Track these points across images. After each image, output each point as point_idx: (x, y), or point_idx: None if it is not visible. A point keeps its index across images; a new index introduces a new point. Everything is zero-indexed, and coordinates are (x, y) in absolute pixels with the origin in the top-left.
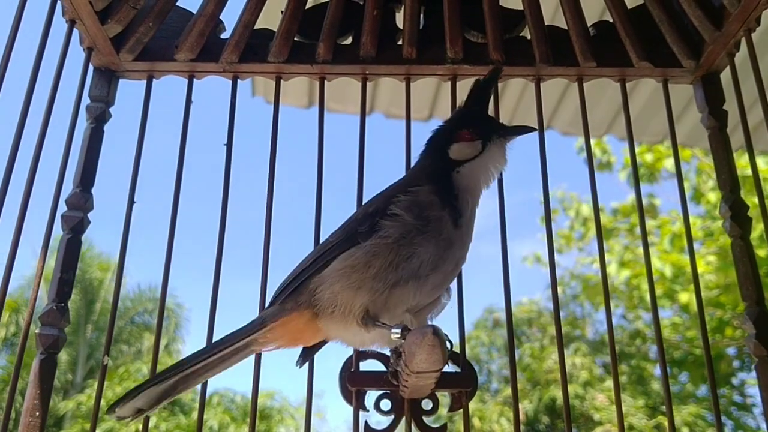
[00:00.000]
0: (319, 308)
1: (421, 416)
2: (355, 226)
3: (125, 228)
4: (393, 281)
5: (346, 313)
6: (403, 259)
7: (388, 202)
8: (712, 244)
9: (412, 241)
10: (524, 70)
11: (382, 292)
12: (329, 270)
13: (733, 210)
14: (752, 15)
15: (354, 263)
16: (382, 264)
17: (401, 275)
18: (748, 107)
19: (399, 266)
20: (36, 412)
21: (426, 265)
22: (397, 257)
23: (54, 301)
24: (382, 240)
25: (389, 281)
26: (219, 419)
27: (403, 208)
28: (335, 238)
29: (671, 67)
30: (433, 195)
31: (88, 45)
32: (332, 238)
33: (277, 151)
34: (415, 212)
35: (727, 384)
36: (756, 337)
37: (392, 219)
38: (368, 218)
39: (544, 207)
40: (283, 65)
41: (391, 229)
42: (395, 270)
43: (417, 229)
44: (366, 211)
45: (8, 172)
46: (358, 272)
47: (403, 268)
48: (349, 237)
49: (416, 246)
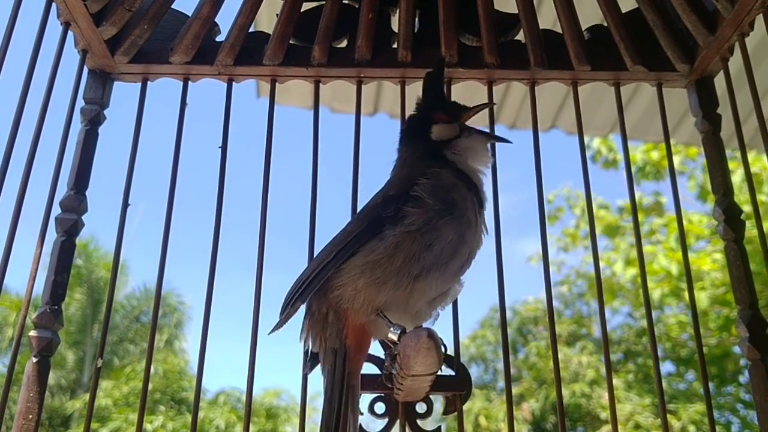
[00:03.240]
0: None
1: (415, 419)
2: (378, 210)
3: (119, 230)
4: (416, 273)
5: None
6: (425, 247)
7: (409, 185)
8: (718, 241)
9: (435, 226)
10: (519, 73)
11: (405, 287)
12: (350, 265)
13: (726, 213)
14: (746, 19)
15: (377, 258)
16: (406, 256)
17: (423, 265)
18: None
19: (421, 256)
20: (29, 414)
21: (446, 251)
22: (420, 246)
23: (47, 304)
24: (406, 229)
25: (413, 273)
26: (225, 418)
27: (428, 192)
28: (355, 227)
29: (665, 71)
30: (454, 177)
31: (82, 47)
32: (351, 227)
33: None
34: (440, 195)
35: (734, 382)
36: (749, 341)
37: (416, 204)
38: (392, 201)
39: (538, 207)
40: (279, 68)
41: (415, 216)
42: (418, 261)
43: (439, 214)
44: (387, 194)
45: (2, 174)
46: (382, 267)
47: (424, 258)
48: (373, 222)
49: (437, 230)
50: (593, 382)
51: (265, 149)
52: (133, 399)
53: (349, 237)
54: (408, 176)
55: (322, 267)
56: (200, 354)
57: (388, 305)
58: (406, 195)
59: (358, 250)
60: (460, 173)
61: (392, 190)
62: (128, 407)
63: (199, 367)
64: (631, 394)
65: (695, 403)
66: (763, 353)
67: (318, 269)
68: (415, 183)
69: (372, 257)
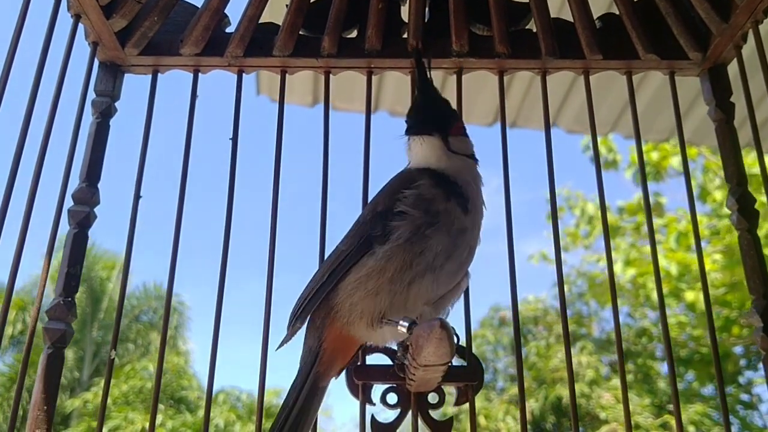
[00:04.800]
0: (345, 319)
1: (428, 410)
2: (367, 229)
3: (131, 222)
4: (409, 279)
5: (368, 319)
6: (416, 255)
7: (393, 200)
8: (718, 242)
9: (424, 234)
10: (530, 63)
11: (401, 293)
12: (345, 283)
13: (740, 203)
14: (760, 6)
15: (368, 272)
16: (397, 266)
17: (416, 271)
18: (756, 100)
19: (413, 263)
20: (44, 406)
21: (440, 256)
22: (411, 255)
23: (61, 296)
24: (395, 243)
25: (405, 280)
26: (225, 417)
27: (410, 205)
28: (347, 246)
29: (678, 59)
30: (434, 188)
31: (93, 39)
32: (344, 246)
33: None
34: (423, 207)
35: (733, 382)
36: (763, 330)
37: (401, 218)
38: (379, 219)
39: (551, 203)
40: (288, 59)
41: (402, 229)
42: (410, 268)
43: (427, 223)
44: (374, 211)
45: (14, 168)
46: (374, 279)
47: (417, 264)
48: (362, 243)
49: (428, 239)
50: (593, 382)
51: (276, 144)
52: (133, 397)
53: (341, 257)
54: (393, 191)
55: (318, 287)
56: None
57: (387, 311)
58: (390, 211)
59: (351, 269)
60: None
61: (379, 206)
62: (127, 406)
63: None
64: (630, 394)
65: (695, 404)
66: None
67: (314, 291)
68: (397, 199)
69: (364, 272)
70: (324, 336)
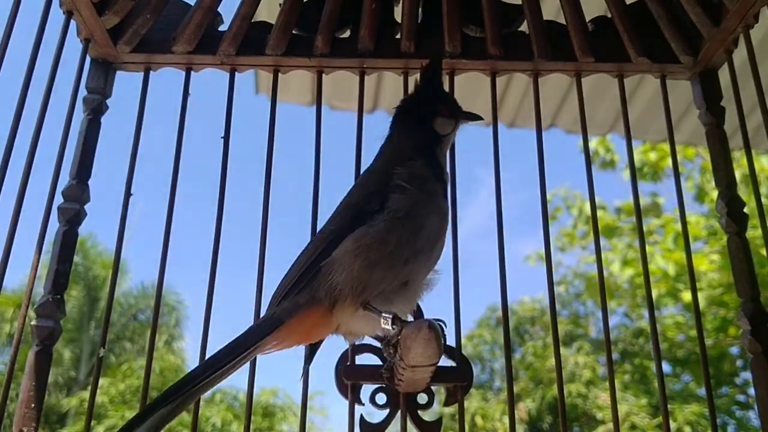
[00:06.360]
0: (336, 294)
1: (417, 410)
2: (360, 206)
3: (122, 219)
4: (406, 257)
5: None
6: (413, 233)
7: (388, 176)
8: (715, 243)
9: (419, 213)
10: (522, 64)
11: (397, 272)
12: (341, 251)
13: (729, 207)
14: (750, 11)
15: (370, 242)
16: (397, 240)
17: (413, 249)
18: (749, 105)
19: (410, 240)
20: (32, 404)
21: (432, 237)
22: (408, 232)
23: (50, 293)
24: (395, 215)
25: (403, 256)
26: (222, 416)
27: (407, 181)
28: (335, 225)
29: (669, 63)
30: (427, 168)
31: (85, 36)
32: (333, 226)
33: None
34: (417, 185)
35: (729, 383)
36: (751, 334)
37: (401, 192)
38: (374, 196)
39: (541, 203)
40: (281, 58)
41: (402, 202)
42: (408, 244)
43: (423, 201)
44: (367, 191)
45: (4, 164)
46: (375, 250)
47: (413, 242)
48: (355, 218)
49: (423, 218)
50: (589, 383)
51: (267, 143)
52: (130, 396)
53: (331, 236)
54: (386, 167)
55: (310, 264)
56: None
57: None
58: (388, 186)
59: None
60: (435, 165)
61: (372, 185)
62: (124, 405)
63: None
64: (627, 395)
65: (691, 404)
66: (764, 346)
67: (304, 268)
68: (393, 173)
69: (365, 241)
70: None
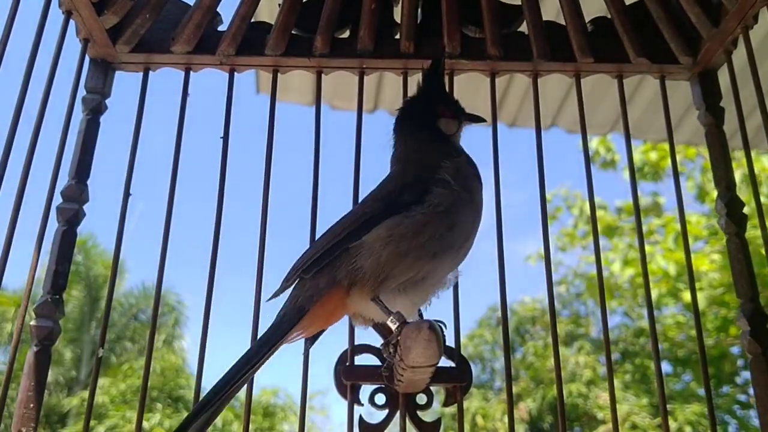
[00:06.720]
0: (356, 278)
1: (416, 411)
2: (395, 196)
3: (121, 219)
4: (435, 251)
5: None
6: (447, 229)
7: (431, 170)
8: (716, 242)
9: (458, 210)
10: (522, 65)
11: (423, 264)
12: (373, 236)
13: (728, 207)
14: (750, 12)
15: (404, 231)
16: (431, 234)
17: (442, 245)
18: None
19: (443, 236)
20: (30, 404)
21: (462, 234)
22: (442, 227)
23: (49, 293)
24: (435, 209)
25: (432, 251)
26: (223, 416)
27: (452, 176)
28: (370, 209)
29: (668, 63)
30: (468, 165)
31: (84, 36)
32: (366, 208)
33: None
34: (461, 181)
35: (731, 382)
36: (750, 334)
37: (444, 186)
38: (412, 188)
39: (541, 203)
40: (280, 58)
41: (443, 197)
42: (440, 239)
43: (462, 198)
44: (403, 182)
45: (4, 164)
46: (407, 240)
47: (445, 238)
48: (389, 207)
49: (459, 216)
50: (590, 382)
51: (267, 142)
52: (131, 396)
53: (362, 218)
54: (428, 160)
55: (336, 242)
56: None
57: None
58: (432, 178)
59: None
60: (473, 163)
61: (409, 176)
62: (125, 404)
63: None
64: (628, 395)
65: (692, 404)
66: (764, 347)
67: (330, 245)
68: (439, 166)
69: (399, 230)
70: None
